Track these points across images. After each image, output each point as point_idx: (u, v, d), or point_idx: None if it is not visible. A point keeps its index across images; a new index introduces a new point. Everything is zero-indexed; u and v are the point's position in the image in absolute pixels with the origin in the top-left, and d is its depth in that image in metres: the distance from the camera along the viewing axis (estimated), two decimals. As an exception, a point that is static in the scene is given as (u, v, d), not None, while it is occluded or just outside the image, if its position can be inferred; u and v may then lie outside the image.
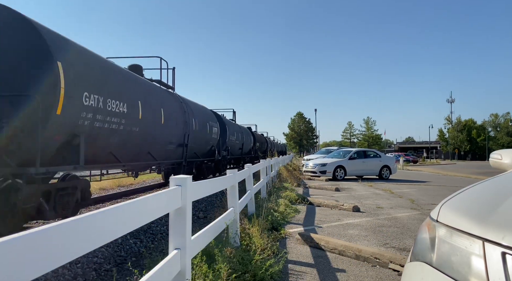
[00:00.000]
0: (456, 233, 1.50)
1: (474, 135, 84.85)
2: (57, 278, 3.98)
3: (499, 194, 1.77)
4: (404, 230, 6.37)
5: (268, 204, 7.09)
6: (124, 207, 1.76)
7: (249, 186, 6.88)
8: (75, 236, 1.36)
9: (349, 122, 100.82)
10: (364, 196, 11.16)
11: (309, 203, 9.37)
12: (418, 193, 12.18)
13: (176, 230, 2.57)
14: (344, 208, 8.44)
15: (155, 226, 6.55)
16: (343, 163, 18.16)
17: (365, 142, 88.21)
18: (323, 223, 6.91)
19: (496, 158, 2.86)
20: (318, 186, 13.94)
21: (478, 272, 1.33)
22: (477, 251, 1.37)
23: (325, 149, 31.03)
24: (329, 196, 10.89)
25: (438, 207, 1.75)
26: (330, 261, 4.53)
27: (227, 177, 4.73)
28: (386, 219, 7.33)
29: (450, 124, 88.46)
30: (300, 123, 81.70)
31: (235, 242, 4.47)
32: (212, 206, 9.05)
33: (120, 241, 5.43)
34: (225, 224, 4.20)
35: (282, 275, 3.97)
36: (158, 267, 2.13)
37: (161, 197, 2.24)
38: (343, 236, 5.87)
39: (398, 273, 4.05)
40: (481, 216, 1.50)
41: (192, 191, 2.78)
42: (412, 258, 1.75)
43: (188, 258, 2.61)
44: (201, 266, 3.21)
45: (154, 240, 6.02)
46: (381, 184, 15.52)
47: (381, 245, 5.32)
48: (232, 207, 4.80)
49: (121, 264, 4.84)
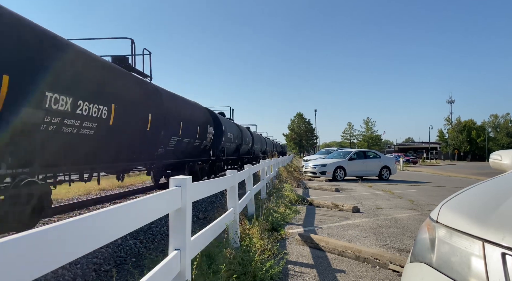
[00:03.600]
0: (456, 234, 1.50)
1: (474, 136, 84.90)
2: (56, 278, 3.97)
3: (499, 194, 1.77)
4: (404, 230, 6.36)
5: (268, 205, 7.08)
6: (124, 208, 1.77)
7: (249, 186, 6.88)
8: (75, 236, 1.36)
9: (349, 122, 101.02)
10: (364, 197, 11.16)
11: (309, 203, 9.37)
12: (418, 194, 12.18)
13: (176, 230, 2.57)
14: (344, 209, 8.44)
15: (155, 227, 6.55)
16: (343, 163, 18.17)
17: (365, 143, 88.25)
18: (323, 224, 6.90)
19: (496, 159, 2.86)
20: (318, 186, 13.93)
21: (478, 273, 1.33)
22: (477, 252, 1.37)
23: (325, 150, 31.04)
24: (329, 197, 10.89)
25: (438, 208, 1.75)
26: (330, 262, 4.53)
27: (227, 178, 4.73)
28: (386, 220, 7.33)
29: (450, 124, 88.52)
30: (300, 124, 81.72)
31: (235, 243, 4.46)
32: (212, 207, 9.05)
33: (119, 242, 5.43)
34: (225, 225, 4.20)
35: (282, 276, 3.97)
36: (158, 267, 2.13)
37: (161, 197, 2.24)
38: (343, 236, 5.86)
39: (398, 273, 4.05)
40: (481, 217, 1.50)
41: (192, 191, 2.78)
42: (412, 259, 1.75)
43: (188, 258, 2.61)
44: (201, 266, 3.21)
45: (154, 241, 6.02)
46: (381, 184, 15.52)
47: (381, 246, 5.32)
48: (232, 208, 4.80)
49: (121, 264, 4.84)
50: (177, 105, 11.70)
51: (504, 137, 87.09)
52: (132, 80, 8.80)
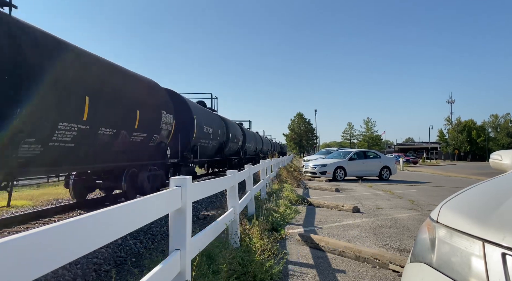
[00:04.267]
0: (456, 234, 1.50)
1: (474, 136, 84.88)
2: (57, 279, 3.97)
3: (499, 194, 1.77)
4: (404, 231, 6.36)
5: (268, 205, 7.08)
6: (125, 208, 1.77)
7: (249, 186, 6.88)
8: (75, 236, 1.36)
9: (349, 122, 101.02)
10: (364, 197, 11.16)
11: (309, 203, 9.37)
12: (418, 194, 12.18)
13: (176, 230, 2.57)
14: (344, 209, 8.44)
15: (155, 227, 6.55)
16: (343, 163, 18.17)
17: (365, 143, 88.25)
18: (323, 224, 6.90)
19: (496, 159, 2.86)
20: (318, 186, 13.94)
21: (478, 273, 1.33)
22: (477, 252, 1.37)
23: (325, 150, 31.03)
24: (329, 197, 10.89)
25: (438, 208, 1.75)
26: (330, 262, 4.53)
27: (227, 178, 4.74)
28: (386, 220, 7.33)
29: (450, 124, 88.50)
30: (300, 124, 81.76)
31: (235, 243, 4.46)
32: (212, 207, 9.05)
33: (120, 242, 5.43)
34: (225, 225, 4.20)
35: (282, 276, 3.97)
36: (157, 267, 2.13)
37: (161, 197, 2.24)
38: (343, 237, 5.86)
39: (398, 274, 4.04)
40: (481, 217, 1.50)
41: (192, 191, 2.78)
42: (412, 259, 1.75)
43: (188, 258, 2.61)
44: (201, 266, 3.21)
45: (154, 241, 6.02)
46: (381, 184, 15.52)
47: (381, 246, 5.32)
48: (232, 208, 4.80)
49: (121, 265, 4.84)
50: (82, 66, 6.59)
51: (504, 137, 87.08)
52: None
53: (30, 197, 10.44)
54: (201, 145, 13.39)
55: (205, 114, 14.57)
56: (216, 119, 16.63)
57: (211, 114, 16.12)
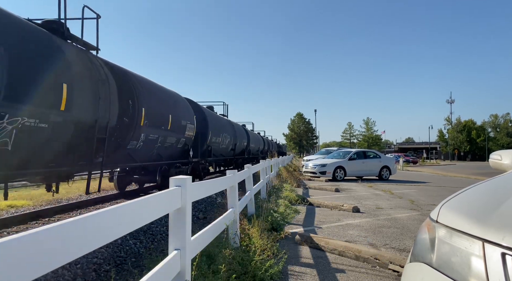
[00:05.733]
0: (456, 234, 1.50)
1: (474, 136, 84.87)
2: (56, 278, 3.97)
3: (499, 194, 1.77)
4: (404, 230, 6.36)
5: (268, 205, 7.08)
6: (124, 208, 1.77)
7: (249, 186, 6.88)
8: (75, 236, 1.36)
9: (349, 122, 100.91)
10: (364, 197, 11.16)
11: (309, 203, 9.37)
12: (418, 194, 12.18)
13: (176, 230, 2.57)
14: (344, 209, 8.44)
15: (155, 227, 6.55)
16: (343, 163, 18.17)
17: (364, 143, 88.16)
18: (323, 224, 6.90)
19: (496, 159, 2.86)
20: (318, 186, 13.93)
21: (478, 273, 1.33)
22: (477, 252, 1.37)
23: (325, 150, 31.03)
24: (329, 197, 10.89)
25: (438, 208, 1.75)
26: (330, 262, 4.53)
27: (227, 178, 4.74)
28: (386, 220, 7.33)
29: (450, 124, 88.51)
30: (300, 124, 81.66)
31: (235, 243, 4.46)
32: (212, 207, 9.05)
33: (119, 242, 5.43)
34: (225, 225, 4.20)
35: (282, 276, 3.97)
36: (157, 267, 2.13)
37: (161, 197, 2.24)
38: (343, 236, 5.86)
39: (398, 273, 4.05)
40: (481, 217, 1.50)
41: (192, 191, 2.78)
42: (412, 259, 1.75)
43: (187, 258, 2.61)
44: (201, 266, 3.21)
45: (154, 241, 6.02)
46: (381, 184, 15.52)
47: (381, 246, 5.32)
48: (232, 208, 4.80)
49: (121, 264, 4.84)
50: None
51: (504, 137, 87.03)
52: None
53: (30, 197, 10.48)
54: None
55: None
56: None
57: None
